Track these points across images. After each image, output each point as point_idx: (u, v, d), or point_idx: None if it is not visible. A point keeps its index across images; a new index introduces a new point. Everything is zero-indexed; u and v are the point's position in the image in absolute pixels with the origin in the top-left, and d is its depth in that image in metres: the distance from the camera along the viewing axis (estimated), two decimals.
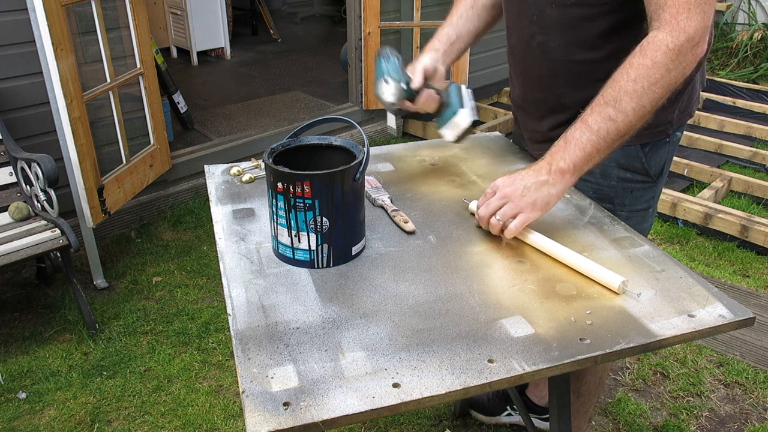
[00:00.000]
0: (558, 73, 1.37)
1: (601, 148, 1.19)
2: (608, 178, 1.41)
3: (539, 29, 1.35)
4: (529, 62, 1.42)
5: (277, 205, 1.14)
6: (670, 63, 1.13)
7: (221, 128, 4.06)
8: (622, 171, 1.40)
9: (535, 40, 1.37)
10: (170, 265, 2.93)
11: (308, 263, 1.17)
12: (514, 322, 1.03)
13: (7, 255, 2.26)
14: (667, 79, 1.15)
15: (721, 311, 1.05)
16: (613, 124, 1.17)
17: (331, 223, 1.14)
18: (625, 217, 1.43)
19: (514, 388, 1.90)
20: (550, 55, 1.36)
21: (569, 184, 1.22)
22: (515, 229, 1.20)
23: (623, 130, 1.18)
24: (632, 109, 1.16)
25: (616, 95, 1.16)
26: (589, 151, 1.19)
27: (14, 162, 2.51)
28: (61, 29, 2.39)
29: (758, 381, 2.22)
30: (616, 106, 1.16)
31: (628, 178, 1.41)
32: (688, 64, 1.16)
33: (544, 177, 1.20)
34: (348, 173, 1.12)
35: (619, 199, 1.43)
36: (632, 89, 1.15)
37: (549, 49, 1.35)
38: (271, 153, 1.19)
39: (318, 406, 0.86)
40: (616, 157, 1.36)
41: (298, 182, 1.10)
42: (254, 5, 6.48)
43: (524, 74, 1.46)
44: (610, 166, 1.39)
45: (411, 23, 3.99)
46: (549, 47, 1.35)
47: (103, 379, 2.27)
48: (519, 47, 1.43)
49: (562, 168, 1.20)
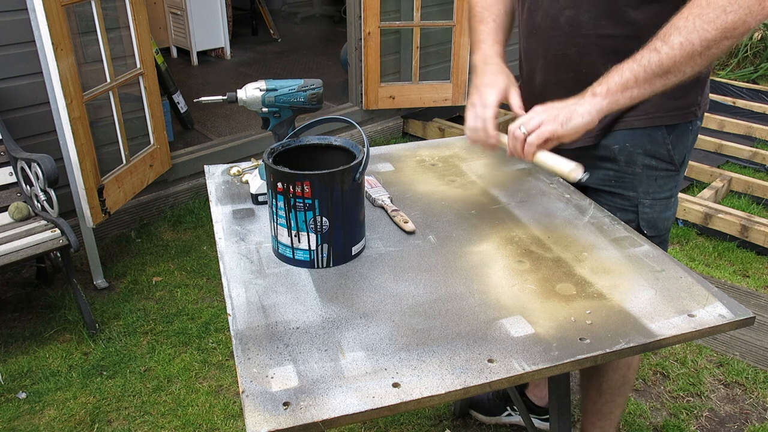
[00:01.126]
0: (586, 49, 1.34)
1: (639, 77, 1.14)
2: (633, 165, 1.40)
3: (569, 2, 1.32)
4: (555, 41, 1.38)
5: (277, 205, 1.14)
6: (727, 4, 1.08)
7: (221, 128, 4.06)
8: (647, 158, 1.39)
9: (563, 15, 1.33)
10: (170, 265, 2.93)
11: (308, 263, 1.17)
12: (514, 322, 1.03)
13: (7, 255, 2.26)
14: (722, 21, 1.08)
15: (721, 311, 1.05)
16: (656, 55, 1.13)
17: (331, 223, 1.14)
18: (649, 205, 1.42)
19: (514, 388, 1.90)
20: (580, 29, 1.32)
21: (598, 106, 1.17)
22: (535, 140, 1.19)
23: (666, 64, 1.12)
24: (679, 43, 1.11)
25: (667, 30, 1.13)
26: (626, 77, 1.15)
27: (14, 162, 2.51)
28: (61, 29, 2.39)
29: (758, 381, 2.22)
30: (664, 39, 1.13)
31: (653, 166, 1.40)
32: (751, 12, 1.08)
33: (576, 100, 1.19)
34: (348, 173, 1.12)
35: (644, 187, 1.42)
36: (683, 25, 1.11)
37: (579, 23, 1.32)
38: (271, 153, 1.19)
39: (318, 406, 0.86)
40: (642, 143, 1.37)
41: (297, 182, 1.10)
42: (254, 5, 6.47)
43: (548, 55, 1.41)
44: (635, 153, 1.38)
45: (411, 23, 3.99)
46: (579, 21, 1.32)
47: (103, 379, 2.27)
48: (544, 25, 1.38)
49: (595, 91, 1.18)
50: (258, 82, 1.33)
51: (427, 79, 4.17)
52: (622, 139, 1.39)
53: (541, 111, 1.21)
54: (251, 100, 1.32)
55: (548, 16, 1.37)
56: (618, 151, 1.40)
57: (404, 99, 4.16)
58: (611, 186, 1.43)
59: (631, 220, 1.42)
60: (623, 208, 1.43)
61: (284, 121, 1.36)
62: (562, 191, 1.45)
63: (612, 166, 1.41)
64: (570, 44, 1.36)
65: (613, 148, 1.40)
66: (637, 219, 1.43)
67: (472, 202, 1.41)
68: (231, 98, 1.32)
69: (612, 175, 1.42)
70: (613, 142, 1.40)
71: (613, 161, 1.41)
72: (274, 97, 1.32)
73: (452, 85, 4.14)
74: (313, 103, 1.35)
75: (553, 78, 1.43)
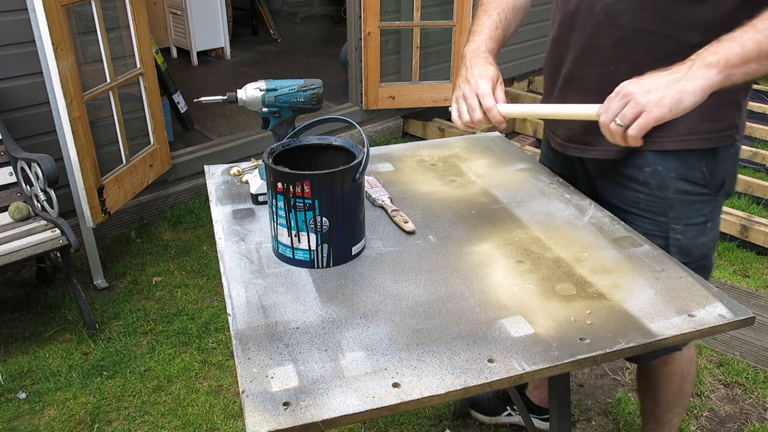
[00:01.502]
0: (621, 43, 1.24)
1: (763, 50, 1.01)
2: (665, 190, 1.31)
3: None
4: (587, 30, 1.28)
5: (277, 205, 1.14)
6: None
7: (221, 128, 4.06)
8: (681, 182, 1.30)
9: (601, 2, 1.24)
10: (170, 265, 2.93)
11: (308, 263, 1.17)
12: (514, 322, 1.03)
13: (7, 255, 2.26)
14: None
15: (721, 311, 1.05)
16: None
17: (331, 223, 1.14)
18: (681, 231, 1.33)
19: (514, 388, 1.90)
20: (617, 20, 1.23)
21: (711, 82, 1.01)
22: (637, 133, 1.04)
23: None
24: None
25: None
26: (749, 49, 1.00)
27: (14, 162, 2.51)
28: (61, 29, 2.39)
29: (758, 381, 2.22)
30: None
31: (686, 190, 1.30)
32: None
33: (678, 75, 1.02)
34: (348, 173, 1.12)
35: (675, 212, 1.32)
36: None
37: (616, 13, 1.22)
38: (271, 153, 1.19)
39: (318, 406, 0.86)
40: (676, 167, 1.28)
41: (297, 182, 1.10)
42: (254, 5, 6.47)
43: (578, 45, 1.31)
44: (668, 177, 1.29)
45: (411, 23, 3.99)
46: (617, 11, 1.22)
47: (103, 379, 2.27)
48: (578, 13, 1.29)
49: (710, 62, 1.01)
50: (258, 82, 1.33)
51: (427, 79, 4.17)
52: (653, 161, 1.30)
53: (636, 93, 1.03)
54: (251, 100, 1.32)
55: (584, 3, 1.28)
56: (650, 175, 1.31)
57: (404, 99, 4.16)
58: (639, 209, 1.35)
59: (660, 246, 1.31)
60: (652, 233, 1.33)
61: (284, 121, 1.36)
62: (562, 191, 1.45)
63: (642, 188, 1.32)
64: (603, 35, 1.26)
65: (645, 171, 1.31)
66: (667, 245, 1.34)
67: (472, 202, 1.41)
68: (231, 98, 1.32)
69: (642, 198, 1.34)
70: (644, 164, 1.30)
71: (643, 184, 1.32)
72: (274, 97, 1.32)
73: (452, 85, 4.14)
74: (313, 103, 1.35)
75: (579, 71, 1.34)
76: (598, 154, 1.36)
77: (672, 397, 1.61)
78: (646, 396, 1.66)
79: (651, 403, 1.65)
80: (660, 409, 1.64)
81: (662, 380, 1.57)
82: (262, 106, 1.33)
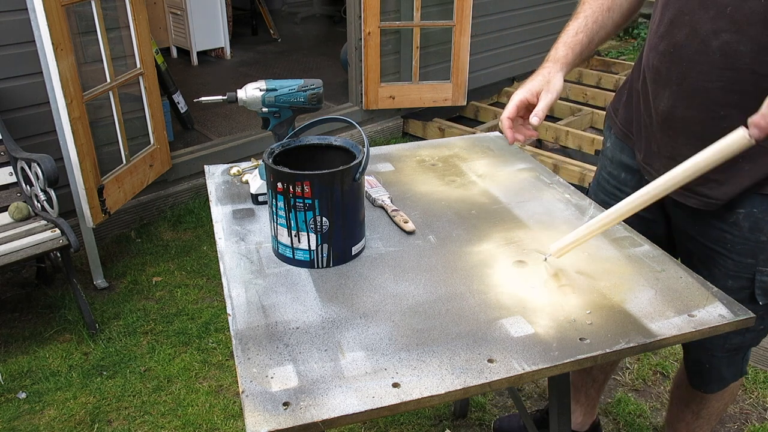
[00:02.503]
0: (736, 87, 1.10)
1: None
2: (758, 233, 1.23)
3: (730, 25, 1.08)
4: (697, 68, 1.14)
5: (277, 205, 1.14)
6: None
7: (221, 128, 4.06)
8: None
9: (718, 39, 1.10)
10: (170, 265, 2.93)
11: (308, 263, 1.17)
12: (514, 322, 1.03)
13: (7, 255, 2.26)
14: None
15: (721, 311, 1.05)
16: None
17: (331, 223, 1.14)
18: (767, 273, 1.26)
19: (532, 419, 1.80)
20: (735, 61, 1.09)
21: None
22: None
23: None
24: None
25: None
26: None
27: (14, 162, 2.51)
28: (61, 29, 2.39)
29: (758, 381, 2.22)
30: None
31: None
32: None
33: None
34: (348, 173, 1.12)
35: (765, 255, 1.25)
36: None
37: (736, 53, 1.08)
38: (271, 153, 1.19)
39: (318, 406, 0.86)
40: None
41: (297, 182, 1.10)
42: (254, 5, 6.47)
43: (684, 83, 1.17)
44: (764, 221, 1.22)
45: (411, 23, 3.99)
46: (737, 51, 1.08)
47: (103, 379, 2.27)
48: (690, 46, 1.15)
49: None
50: (258, 82, 1.33)
51: (427, 79, 4.17)
52: (750, 204, 1.22)
53: None
54: (251, 100, 1.32)
55: (697, 37, 1.13)
56: (743, 217, 1.23)
57: (404, 99, 4.16)
58: (726, 249, 1.27)
59: (743, 287, 1.27)
60: (735, 275, 1.27)
61: (284, 121, 1.36)
62: (562, 191, 1.45)
63: (731, 229, 1.25)
64: (717, 77, 1.13)
65: (738, 213, 1.23)
66: (752, 287, 1.27)
67: (472, 202, 1.41)
68: (231, 98, 1.32)
69: (729, 239, 1.26)
70: (739, 206, 1.23)
71: (733, 225, 1.24)
72: (274, 97, 1.32)
73: (452, 85, 4.14)
74: (313, 103, 1.35)
75: (680, 112, 1.21)
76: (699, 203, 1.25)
77: (716, 414, 1.59)
78: (688, 407, 1.60)
79: (691, 415, 1.59)
80: (699, 422, 1.60)
81: (714, 395, 1.53)
82: (262, 106, 1.33)
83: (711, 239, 1.29)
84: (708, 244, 1.30)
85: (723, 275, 1.29)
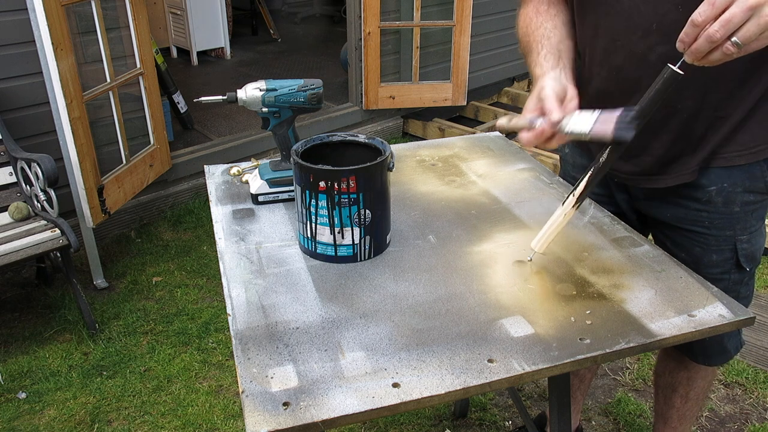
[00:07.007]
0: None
1: None
2: (731, 205, 1.29)
3: (661, 38, 1.15)
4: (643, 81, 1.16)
5: (318, 205, 1.14)
6: None
7: (221, 128, 4.06)
8: (746, 194, 1.29)
9: (654, 53, 1.17)
10: (170, 265, 2.93)
11: (351, 258, 1.18)
12: (514, 322, 1.03)
13: (7, 255, 2.26)
14: None
15: (721, 311, 1.05)
16: None
17: (372, 214, 1.16)
18: (746, 240, 1.32)
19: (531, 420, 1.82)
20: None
21: None
22: None
23: None
24: None
25: None
26: None
27: (14, 162, 2.51)
28: (61, 29, 2.39)
29: (758, 381, 2.22)
30: None
31: (751, 201, 1.30)
32: None
33: None
34: (385, 164, 1.15)
35: (741, 224, 1.31)
36: None
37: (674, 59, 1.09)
38: (297, 154, 1.18)
39: (318, 406, 0.86)
40: (741, 180, 1.27)
41: (343, 178, 1.11)
42: (254, 5, 6.48)
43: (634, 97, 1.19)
44: (734, 193, 1.28)
45: (411, 23, 3.99)
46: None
47: (103, 379, 2.27)
48: (630, 66, 1.22)
49: None
50: (258, 82, 1.33)
51: (427, 79, 4.17)
52: (718, 179, 1.28)
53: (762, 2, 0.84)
54: (251, 100, 1.32)
55: (634, 57, 1.21)
56: (715, 193, 1.29)
57: (404, 99, 4.16)
58: (703, 227, 1.33)
59: (727, 258, 1.33)
60: (718, 249, 1.33)
61: (284, 121, 1.36)
62: (563, 191, 1.45)
63: (705, 207, 1.30)
64: None
65: (709, 190, 1.29)
66: (735, 256, 1.33)
67: (472, 202, 1.41)
68: (231, 98, 1.32)
69: (705, 217, 1.31)
70: (708, 183, 1.28)
71: (707, 203, 1.29)
72: (274, 97, 1.32)
73: (452, 85, 4.14)
74: (313, 103, 1.35)
75: None
76: (673, 181, 1.30)
77: (702, 392, 1.63)
78: (676, 392, 1.64)
79: (680, 399, 1.63)
80: (689, 404, 1.64)
81: (698, 374, 1.58)
82: (262, 106, 1.33)
83: (689, 221, 1.34)
84: (686, 227, 1.35)
85: (706, 252, 1.34)
